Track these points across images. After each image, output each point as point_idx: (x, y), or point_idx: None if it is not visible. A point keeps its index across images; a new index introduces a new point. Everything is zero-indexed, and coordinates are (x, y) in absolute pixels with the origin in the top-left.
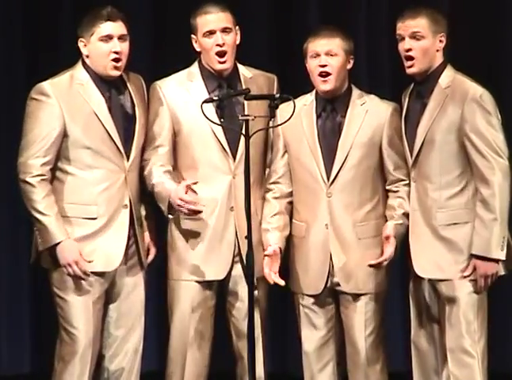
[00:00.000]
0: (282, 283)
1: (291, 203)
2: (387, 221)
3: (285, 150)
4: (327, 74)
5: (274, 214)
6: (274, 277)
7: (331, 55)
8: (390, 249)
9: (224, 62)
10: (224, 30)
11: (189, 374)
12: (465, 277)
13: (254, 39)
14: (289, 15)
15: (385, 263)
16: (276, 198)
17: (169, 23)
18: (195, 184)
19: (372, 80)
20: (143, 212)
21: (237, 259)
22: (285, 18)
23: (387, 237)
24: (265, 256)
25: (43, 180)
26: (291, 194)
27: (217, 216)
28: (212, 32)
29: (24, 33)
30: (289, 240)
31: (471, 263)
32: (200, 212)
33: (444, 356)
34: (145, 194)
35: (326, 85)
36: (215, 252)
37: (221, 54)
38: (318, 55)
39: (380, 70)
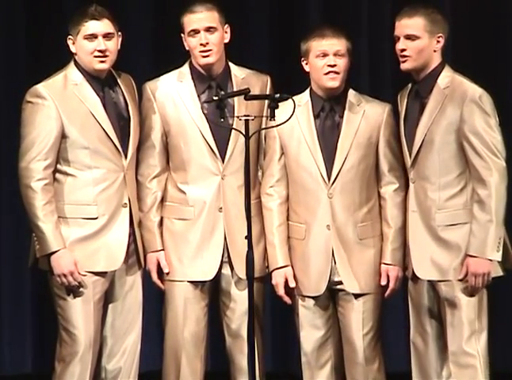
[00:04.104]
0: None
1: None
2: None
3: (282, 153)
4: (335, 74)
5: (279, 225)
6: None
7: (339, 56)
8: (394, 278)
9: (208, 56)
10: (208, 29)
11: (185, 374)
12: (461, 280)
13: (254, 39)
14: (291, 15)
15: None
16: (278, 205)
17: (168, 22)
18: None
19: (374, 81)
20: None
21: (226, 260)
22: (287, 18)
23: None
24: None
25: (46, 185)
26: (288, 196)
27: (205, 217)
28: (196, 31)
29: (26, 33)
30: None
31: (465, 263)
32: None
33: (444, 356)
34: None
35: (334, 82)
36: (203, 253)
37: (204, 52)
38: (326, 54)
39: (382, 71)
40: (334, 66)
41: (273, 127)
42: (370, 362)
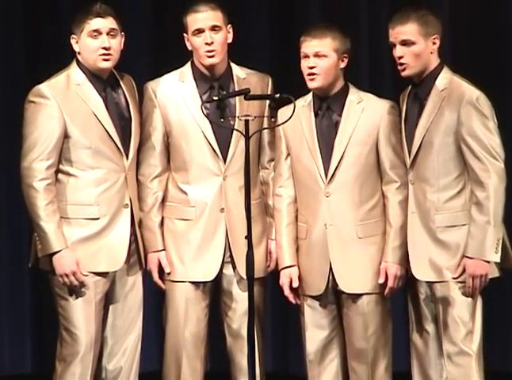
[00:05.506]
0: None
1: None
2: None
3: (288, 152)
4: (314, 75)
5: (287, 225)
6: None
7: (320, 56)
8: (392, 277)
9: (213, 57)
10: (213, 28)
11: (185, 374)
12: (455, 278)
13: (254, 39)
14: (290, 14)
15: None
16: (287, 205)
17: (168, 22)
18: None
19: (373, 80)
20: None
21: (228, 260)
22: (286, 17)
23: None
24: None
25: (48, 185)
26: (296, 196)
27: (207, 217)
28: (200, 31)
29: (24, 32)
30: None
31: (462, 263)
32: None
33: (442, 356)
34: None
35: (313, 83)
36: (204, 254)
37: (210, 51)
38: (307, 56)
39: (381, 71)
40: (313, 67)
41: (273, 127)
42: (375, 363)
